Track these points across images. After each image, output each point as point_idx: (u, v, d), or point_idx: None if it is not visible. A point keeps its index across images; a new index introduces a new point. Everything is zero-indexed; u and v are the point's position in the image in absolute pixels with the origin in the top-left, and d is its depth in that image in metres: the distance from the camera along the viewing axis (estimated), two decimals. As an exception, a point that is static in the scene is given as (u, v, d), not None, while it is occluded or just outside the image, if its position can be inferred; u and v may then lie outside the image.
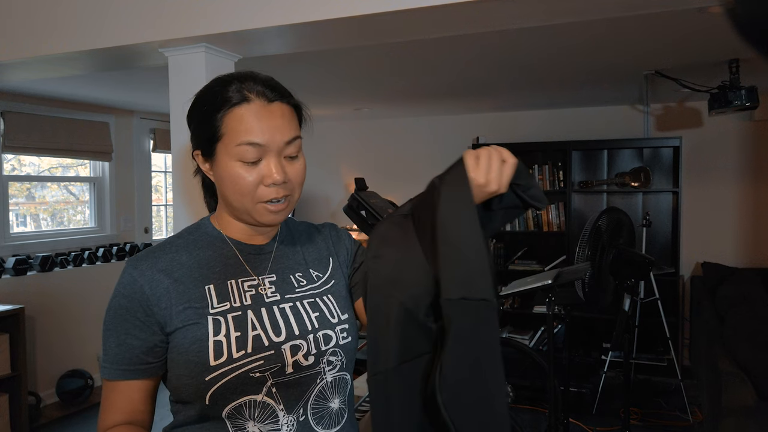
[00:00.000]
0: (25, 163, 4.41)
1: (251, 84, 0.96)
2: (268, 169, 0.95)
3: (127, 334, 0.94)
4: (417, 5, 1.63)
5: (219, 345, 0.91)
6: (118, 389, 0.96)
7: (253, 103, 0.95)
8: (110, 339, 0.95)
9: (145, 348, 0.94)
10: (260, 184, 0.95)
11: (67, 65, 2.37)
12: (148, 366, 0.95)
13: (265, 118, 0.95)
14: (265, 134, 0.94)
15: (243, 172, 0.95)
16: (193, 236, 1.03)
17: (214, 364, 0.90)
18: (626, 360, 2.93)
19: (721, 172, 4.56)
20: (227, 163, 0.95)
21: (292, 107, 1.00)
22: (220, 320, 0.93)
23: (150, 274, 0.95)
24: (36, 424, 3.82)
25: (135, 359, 0.94)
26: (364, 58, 3.13)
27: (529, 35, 2.68)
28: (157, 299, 0.94)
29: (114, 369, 0.95)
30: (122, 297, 0.95)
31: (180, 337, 0.93)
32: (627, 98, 4.47)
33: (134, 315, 0.94)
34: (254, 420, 0.92)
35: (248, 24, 1.84)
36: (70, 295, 4.30)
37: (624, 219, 2.89)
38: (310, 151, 5.87)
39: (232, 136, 0.94)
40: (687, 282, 4.60)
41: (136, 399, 0.96)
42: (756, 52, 0.65)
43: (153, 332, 0.94)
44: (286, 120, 0.97)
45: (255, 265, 1.02)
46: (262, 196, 0.96)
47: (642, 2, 1.69)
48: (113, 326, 0.95)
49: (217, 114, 0.95)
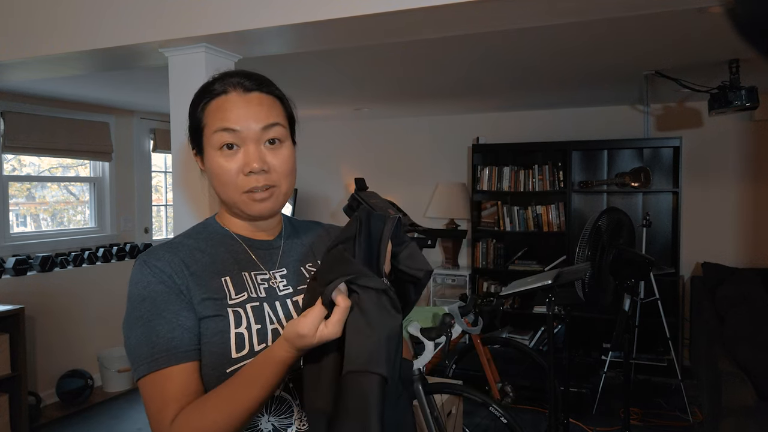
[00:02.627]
0: (25, 163, 4.41)
1: (231, 78, 0.99)
2: (246, 156, 0.95)
3: (177, 315, 0.91)
4: (417, 5, 1.63)
5: (241, 337, 0.91)
6: (173, 377, 0.88)
7: (230, 94, 0.97)
8: (157, 326, 0.90)
9: (197, 329, 0.92)
10: (240, 173, 0.96)
11: (67, 65, 2.37)
12: (199, 347, 0.92)
13: (241, 106, 0.96)
14: (240, 120, 0.95)
15: (223, 162, 0.96)
16: (202, 235, 1.03)
17: (236, 356, 0.90)
18: (626, 360, 2.93)
19: (721, 172, 4.56)
20: (210, 154, 0.98)
21: (273, 97, 1.01)
22: (240, 312, 0.93)
23: (174, 263, 0.94)
24: (36, 424, 3.82)
25: (193, 340, 0.91)
26: (364, 58, 3.13)
27: (529, 35, 2.68)
28: (186, 288, 0.93)
29: (170, 355, 0.89)
30: (156, 283, 0.92)
31: (202, 327, 0.92)
32: (627, 98, 4.47)
33: (177, 297, 0.91)
34: (269, 414, 0.92)
35: (248, 24, 1.84)
36: (70, 295, 4.30)
37: (624, 219, 2.89)
38: (311, 151, 5.88)
39: (211, 126, 0.97)
40: (687, 282, 4.60)
41: (195, 382, 0.90)
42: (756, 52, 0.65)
43: (194, 314, 0.92)
44: (264, 107, 0.98)
45: (265, 260, 1.03)
46: (243, 186, 0.96)
47: (642, 2, 1.69)
48: (155, 315, 0.90)
49: (199, 107, 0.99)
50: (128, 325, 0.93)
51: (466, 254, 5.31)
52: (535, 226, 4.85)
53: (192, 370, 0.90)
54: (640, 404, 3.94)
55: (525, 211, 4.88)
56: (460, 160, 5.36)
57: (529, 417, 3.76)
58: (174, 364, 0.89)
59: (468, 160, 5.30)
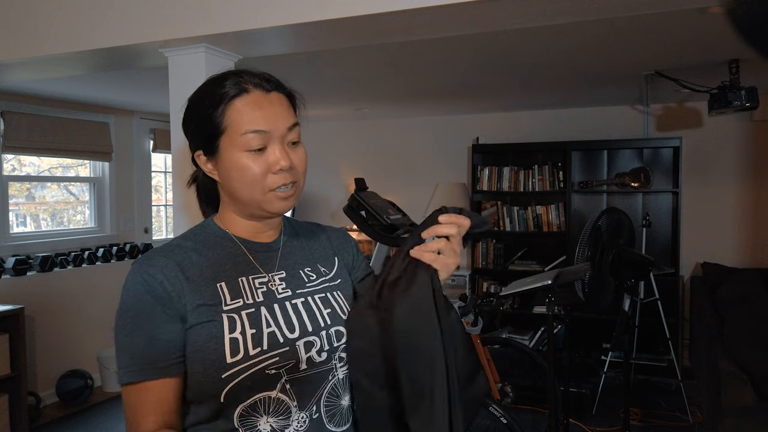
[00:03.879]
0: (25, 163, 4.41)
1: (247, 77, 0.98)
2: (274, 155, 0.96)
3: (158, 329, 0.91)
4: (417, 5, 1.63)
5: (235, 342, 0.91)
6: (150, 391, 0.91)
7: (252, 94, 0.96)
8: (136, 339, 0.91)
9: (177, 342, 0.92)
10: (268, 172, 0.96)
11: (67, 65, 2.37)
12: (179, 361, 0.93)
13: (267, 105, 0.96)
14: (269, 121, 0.96)
15: (250, 163, 0.96)
16: (200, 237, 1.03)
17: (230, 362, 0.90)
18: (626, 360, 2.93)
19: (721, 172, 4.56)
20: (233, 155, 0.96)
21: (287, 96, 1.02)
22: (234, 317, 0.93)
23: (167, 270, 0.94)
24: (36, 424, 3.82)
25: (169, 354, 0.91)
26: (364, 58, 3.13)
27: (529, 35, 2.68)
28: (177, 294, 0.93)
29: (146, 369, 0.91)
30: (144, 294, 0.92)
31: (195, 334, 0.92)
32: (627, 98, 4.47)
33: (162, 309, 0.92)
34: (267, 415, 0.92)
35: (248, 24, 1.84)
36: (70, 295, 4.30)
37: (624, 219, 2.89)
38: (311, 151, 5.83)
39: (236, 127, 0.95)
40: (687, 282, 4.60)
41: (171, 398, 0.92)
42: (756, 52, 0.65)
43: (180, 326, 0.93)
44: (285, 107, 0.99)
45: (264, 263, 1.03)
46: (271, 184, 0.97)
47: (642, 2, 1.69)
48: (138, 326, 0.92)
49: (217, 109, 0.96)
50: (115, 331, 0.95)
51: (465, 254, 5.31)
52: (535, 226, 4.85)
53: (168, 384, 0.92)
54: (640, 404, 3.94)
55: (525, 211, 4.88)
56: (460, 160, 5.36)
57: (529, 417, 3.76)
58: (149, 379, 0.91)
59: (468, 160, 5.30)
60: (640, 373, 4.33)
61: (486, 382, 1.07)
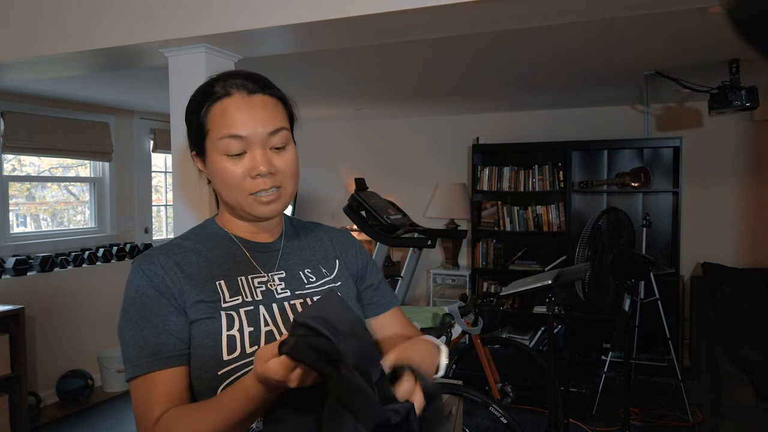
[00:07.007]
0: (26, 164, 4.41)
1: (233, 79, 0.98)
2: (253, 160, 0.95)
3: (164, 321, 0.92)
4: (417, 5, 1.63)
5: (232, 339, 0.92)
6: (159, 381, 0.90)
7: (234, 97, 0.96)
8: (144, 331, 0.92)
9: (183, 334, 0.93)
10: (247, 176, 0.96)
11: (67, 65, 2.37)
12: (186, 353, 0.93)
13: (246, 109, 0.95)
14: (247, 126, 0.95)
15: (229, 166, 0.96)
16: (200, 237, 1.03)
17: (227, 359, 0.90)
18: (626, 360, 2.93)
19: (721, 172, 4.56)
20: (215, 158, 0.97)
21: (276, 99, 1.00)
22: (233, 315, 0.94)
23: (167, 266, 0.95)
24: (36, 424, 3.82)
25: (176, 345, 0.92)
26: (364, 58, 3.13)
27: (529, 35, 2.68)
28: (178, 290, 0.94)
29: (154, 360, 0.90)
30: (148, 288, 0.93)
31: (194, 330, 0.93)
32: (627, 98, 4.47)
33: (167, 301, 0.93)
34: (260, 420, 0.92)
35: (248, 24, 1.84)
36: (70, 295, 4.30)
37: (624, 219, 2.89)
38: (311, 151, 5.87)
39: (216, 131, 0.96)
40: (687, 282, 4.59)
41: (180, 387, 0.92)
42: (756, 52, 0.65)
43: (184, 319, 0.93)
44: (269, 111, 0.97)
45: (263, 263, 1.03)
46: (250, 188, 0.96)
47: (642, 2, 1.69)
48: (145, 318, 0.92)
49: (200, 111, 0.98)
50: (120, 327, 0.95)
51: (466, 254, 5.31)
52: (535, 226, 4.85)
53: (177, 374, 0.92)
54: (640, 404, 3.94)
55: (525, 211, 4.88)
56: (460, 160, 5.36)
57: (529, 417, 3.76)
58: (158, 369, 0.90)
59: (468, 160, 5.30)
60: (640, 373, 4.33)
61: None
